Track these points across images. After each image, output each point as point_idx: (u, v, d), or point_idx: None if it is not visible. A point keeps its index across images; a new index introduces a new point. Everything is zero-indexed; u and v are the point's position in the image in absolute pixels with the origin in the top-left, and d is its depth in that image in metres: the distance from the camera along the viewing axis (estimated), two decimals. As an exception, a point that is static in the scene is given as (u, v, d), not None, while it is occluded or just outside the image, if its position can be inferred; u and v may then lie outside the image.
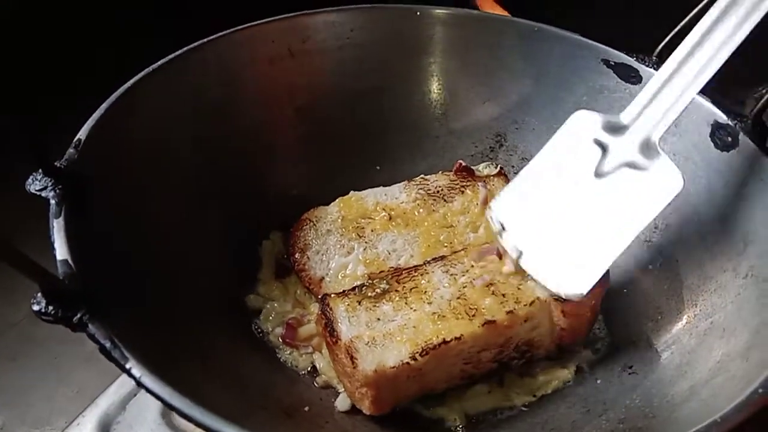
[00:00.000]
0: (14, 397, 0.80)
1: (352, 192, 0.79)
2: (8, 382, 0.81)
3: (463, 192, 0.78)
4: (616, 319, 0.72)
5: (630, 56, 0.77)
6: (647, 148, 0.66)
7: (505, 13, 0.92)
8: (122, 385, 0.72)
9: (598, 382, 0.67)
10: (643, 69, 0.76)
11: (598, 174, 0.68)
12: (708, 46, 0.62)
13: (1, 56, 1.00)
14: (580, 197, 0.68)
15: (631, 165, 0.66)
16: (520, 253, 0.68)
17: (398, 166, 0.85)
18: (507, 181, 0.80)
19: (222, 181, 0.76)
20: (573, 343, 0.69)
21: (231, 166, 0.77)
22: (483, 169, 0.83)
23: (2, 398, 0.80)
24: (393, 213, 0.77)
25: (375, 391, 0.62)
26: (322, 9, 0.82)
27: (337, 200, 0.78)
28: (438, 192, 0.78)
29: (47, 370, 0.83)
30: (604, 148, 0.68)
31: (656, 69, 0.74)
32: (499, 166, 0.84)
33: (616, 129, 0.68)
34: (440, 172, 0.81)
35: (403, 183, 0.80)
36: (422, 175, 0.80)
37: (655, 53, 0.75)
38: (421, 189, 0.79)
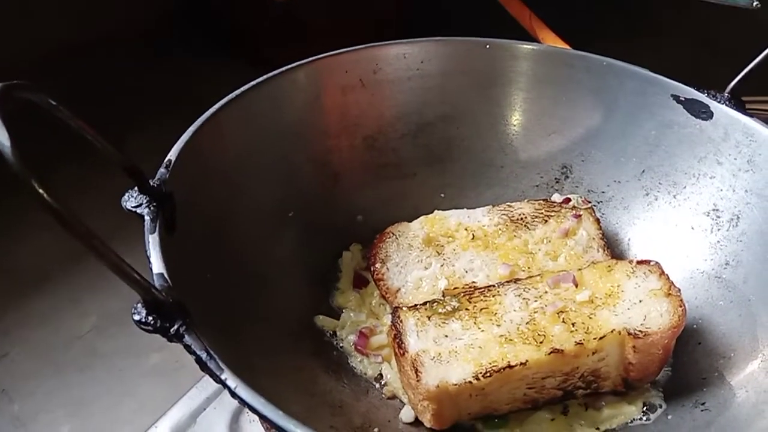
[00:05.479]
0: (80, 407, 0.82)
1: (436, 211, 0.80)
2: (74, 393, 0.84)
3: (546, 222, 0.79)
4: (684, 355, 0.71)
5: (701, 92, 0.77)
6: None
7: (567, 47, 0.94)
8: (192, 398, 0.74)
9: (669, 417, 0.66)
10: (714, 105, 0.76)
11: None
12: None
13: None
14: None
15: None
16: None
17: (463, 193, 0.86)
18: (593, 213, 0.80)
19: (298, 202, 0.78)
20: (641, 380, 0.68)
21: (305, 190, 0.80)
22: (575, 199, 0.83)
23: (68, 408, 0.82)
24: (474, 234, 0.78)
25: (436, 406, 0.62)
26: (394, 41, 0.84)
27: (420, 218, 0.80)
28: (521, 219, 0.79)
29: (112, 382, 0.85)
30: None
31: (728, 105, 0.75)
32: (591, 202, 0.83)
33: None
34: (526, 200, 0.82)
35: (487, 207, 0.81)
36: (507, 203, 0.81)
37: (728, 90, 0.75)
38: (504, 214, 0.80)
